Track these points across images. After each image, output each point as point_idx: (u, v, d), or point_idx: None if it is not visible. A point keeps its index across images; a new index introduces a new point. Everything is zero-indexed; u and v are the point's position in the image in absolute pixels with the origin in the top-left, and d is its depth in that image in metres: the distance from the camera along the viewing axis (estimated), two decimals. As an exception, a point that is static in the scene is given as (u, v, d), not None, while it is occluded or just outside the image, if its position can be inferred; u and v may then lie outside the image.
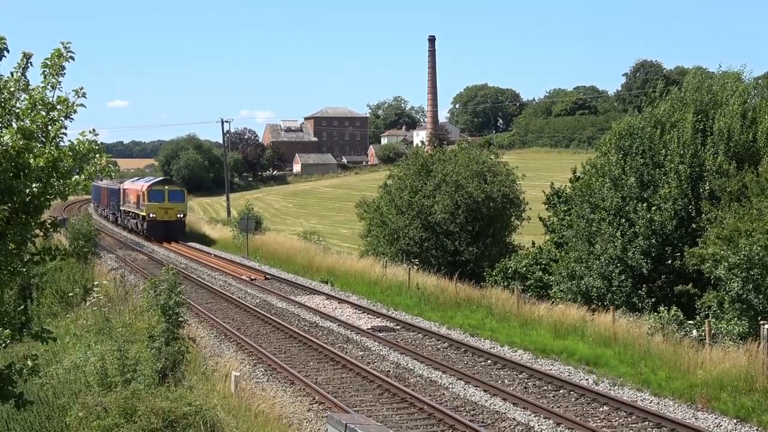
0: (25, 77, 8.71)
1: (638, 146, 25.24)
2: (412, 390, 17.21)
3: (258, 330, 24.55)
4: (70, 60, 8.73)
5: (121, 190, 63.24)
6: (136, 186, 58.70)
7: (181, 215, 54.87)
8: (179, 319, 17.60)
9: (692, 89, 25.81)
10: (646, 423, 15.14)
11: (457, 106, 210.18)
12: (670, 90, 27.30)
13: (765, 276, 19.31)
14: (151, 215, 53.25)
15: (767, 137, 23.36)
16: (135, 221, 58.41)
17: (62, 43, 8.75)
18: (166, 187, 55.14)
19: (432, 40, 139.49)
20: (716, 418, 15.37)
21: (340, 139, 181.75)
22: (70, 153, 8.65)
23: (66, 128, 8.80)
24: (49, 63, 8.65)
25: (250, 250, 45.19)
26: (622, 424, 15.18)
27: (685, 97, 25.77)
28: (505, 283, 29.26)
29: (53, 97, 8.69)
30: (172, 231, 53.79)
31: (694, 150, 24.02)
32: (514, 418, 15.48)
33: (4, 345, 9.49)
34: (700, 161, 23.97)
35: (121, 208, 63.78)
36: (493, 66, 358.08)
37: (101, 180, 74.05)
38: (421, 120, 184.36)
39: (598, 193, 25.58)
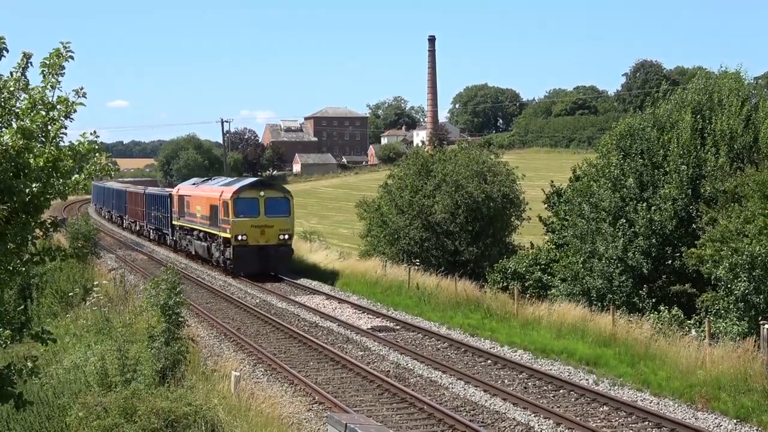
0: (25, 77, 8.72)
1: (638, 147, 25.26)
2: (412, 390, 17.21)
3: (258, 330, 24.55)
4: (69, 60, 8.74)
5: (176, 198, 44.42)
6: (209, 191, 39.08)
7: (286, 236, 35.10)
8: (179, 319, 17.63)
9: (694, 91, 25.81)
10: (646, 423, 15.14)
11: (457, 106, 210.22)
12: (673, 90, 27.31)
13: (766, 277, 19.32)
14: (239, 237, 34.56)
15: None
16: (206, 245, 38.79)
17: (62, 43, 8.76)
18: (262, 192, 35.37)
19: (432, 40, 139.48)
20: (716, 418, 15.37)
21: (340, 139, 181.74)
22: (70, 153, 8.66)
23: (66, 128, 8.80)
24: (48, 63, 8.66)
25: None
26: (622, 424, 15.18)
27: (685, 97, 25.78)
28: (505, 284, 29.25)
29: (53, 96, 8.70)
30: (272, 262, 35.10)
31: (693, 150, 24.03)
32: (514, 418, 15.48)
33: (4, 345, 9.48)
34: (700, 161, 23.98)
35: (174, 223, 45.24)
36: (493, 66, 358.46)
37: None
38: (421, 120, 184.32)
39: (598, 193, 25.58)
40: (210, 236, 38.19)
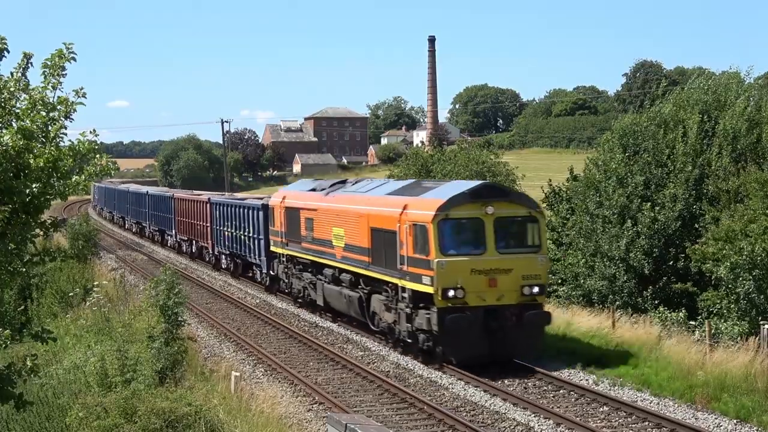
0: (26, 77, 8.75)
1: (642, 144, 25.31)
2: (412, 390, 17.22)
3: (258, 330, 24.56)
4: (71, 61, 8.75)
5: (279, 212, 28.33)
6: (369, 202, 22.23)
7: (535, 289, 19.06)
8: (179, 319, 17.65)
9: (698, 90, 25.88)
10: (646, 423, 15.12)
11: (457, 106, 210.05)
12: (672, 89, 27.37)
13: (766, 277, 19.35)
14: (451, 293, 18.45)
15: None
16: (358, 297, 22.51)
17: (64, 44, 8.78)
18: (489, 208, 18.87)
19: (432, 40, 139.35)
20: (716, 419, 15.36)
21: (340, 139, 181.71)
22: (70, 153, 8.67)
23: (66, 128, 8.83)
24: (49, 63, 8.67)
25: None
26: (622, 425, 15.16)
27: (691, 97, 25.85)
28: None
29: (54, 97, 8.72)
30: (510, 338, 18.85)
31: (699, 151, 24.12)
32: (514, 419, 15.47)
33: (4, 345, 9.49)
34: (705, 162, 24.05)
35: (274, 250, 29.26)
36: (493, 66, 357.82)
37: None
38: (421, 120, 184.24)
39: (604, 191, 25.55)
40: (370, 283, 21.55)
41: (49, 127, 8.65)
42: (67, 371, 18.54)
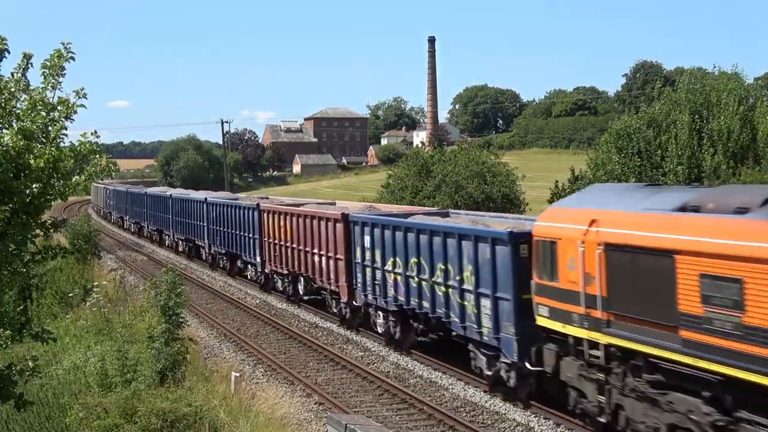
0: (26, 78, 8.75)
1: (635, 146, 25.38)
2: (412, 391, 17.22)
3: (258, 330, 24.56)
4: (70, 60, 8.76)
5: (608, 255, 12.27)
6: None
7: None
8: (179, 319, 17.66)
9: (686, 90, 25.96)
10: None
11: (457, 106, 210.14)
12: (664, 91, 27.48)
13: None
14: None
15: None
16: None
17: (63, 44, 8.79)
18: None
19: (432, 40, 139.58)
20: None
21: (340, 139, 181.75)
22: (71, 153, 8.67)
23: (66, 129, 8.83)
24: (49, 64, 8.68)
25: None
26: (622, 425, 14.85)
27: (680, 97, 25.93)
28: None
29: (54, 97, 8.72)
30: None
31: (690, 151, 24.16)
32: (513, 419, 15.47)
33: (4, 345, 9.50)
34: (698, 161, 24.09)
35: (565, 329, 13.69)
36: (493, 66, 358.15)
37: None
38: (421, 120, 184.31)
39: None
40: None
41: (50, 128, 8.65)
42: (67, 371, 18.55)
